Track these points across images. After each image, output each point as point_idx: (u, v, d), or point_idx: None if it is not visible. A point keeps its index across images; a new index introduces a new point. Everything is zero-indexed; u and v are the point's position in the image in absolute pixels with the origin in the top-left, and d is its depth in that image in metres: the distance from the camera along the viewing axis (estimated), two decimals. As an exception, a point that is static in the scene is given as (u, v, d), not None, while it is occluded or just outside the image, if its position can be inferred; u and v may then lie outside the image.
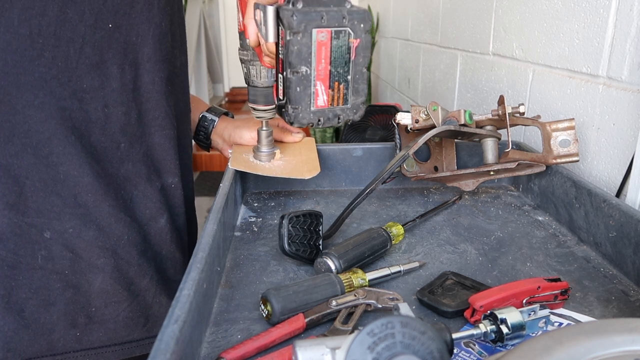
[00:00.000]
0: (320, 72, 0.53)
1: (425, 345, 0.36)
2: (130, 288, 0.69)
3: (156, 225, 0.71)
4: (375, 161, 0.93)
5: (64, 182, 0.63)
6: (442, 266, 0.65)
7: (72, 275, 0.65)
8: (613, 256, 0.64)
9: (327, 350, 0.38)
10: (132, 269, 0.69)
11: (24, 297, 0.63)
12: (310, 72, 0.53)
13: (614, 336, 0.35)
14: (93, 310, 0.67)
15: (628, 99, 0.73)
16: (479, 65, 1.29)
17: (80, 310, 0.66)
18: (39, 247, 0.63)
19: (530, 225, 0.77)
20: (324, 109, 0.55)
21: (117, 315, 0.68)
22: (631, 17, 0.72)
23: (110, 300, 0.67)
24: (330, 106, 0.55)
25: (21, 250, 0.63)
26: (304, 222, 0.64)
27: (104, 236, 0.66)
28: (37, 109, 0.60)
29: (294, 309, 0.52)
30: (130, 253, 0.68)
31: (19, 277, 0.63)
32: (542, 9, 0.96)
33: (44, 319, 0.64)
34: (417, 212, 0.82)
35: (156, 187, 0.71)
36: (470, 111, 0.80)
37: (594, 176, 0.82)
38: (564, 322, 0.53)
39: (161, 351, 0.37)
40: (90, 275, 0.66)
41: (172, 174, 0.73)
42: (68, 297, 0.65)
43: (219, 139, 0.93)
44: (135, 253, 0.69)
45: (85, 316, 0.66)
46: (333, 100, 0.55)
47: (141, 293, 0.70)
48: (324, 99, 0.55)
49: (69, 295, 0.65)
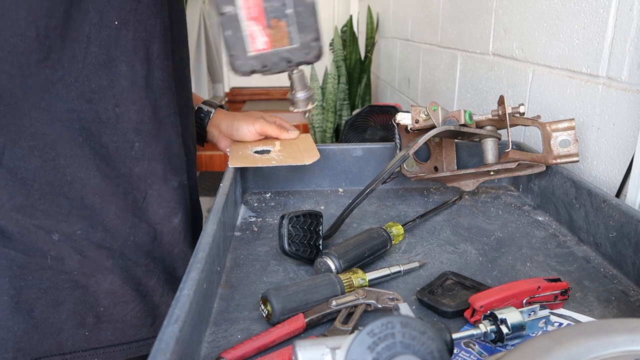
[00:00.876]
0: (250, 10, 0.46)
1: (425, 345, 0.36)
2: (138, 288, 0.69)
3: (170, 224, 0.71)
4: (375, 161, 0.93)
5: (71, 184, 0.63)
6: (442, 266, 0.65)
7: (81, 275, 0.65)
8: (613, 256, 0.64)
9: (327, 350, 0.38)
10: (140, 269, 0.69)
11: (34, 297, 0.63)
12: (237, 11, 0.46)
13: (614, 336, 0.35)
14: (101, 309, 0.67)
15: (628, 99, 0.73)
16: (479, 65, 1.29)
17: (89, 310, 0.66)
18: (48, 249, 0.63)
19: (530, 225, 0.77)
20: (266, 52, 0.48)
21: (125, 315, 0.68)
22: (631, 17, 0.72)
23: (118, 300, 0.68)
24: (273, 48, 0.48)
25: (30, 251, 0.63)
26: (304, 222, 0.64)
27: (111, 238, 0.66)
28: (43, 112, 0.60)
29: (294, 309, 0.52)
30: (137, 254, 0.69)
31: (28, 277, 0.63)
32: (542, 9, 0.96)
33: (53, 318, 0.64)
34: (417, 212, 0.82)
35: (172, 186, 0.71)
36: (470, 111, 0.80)
37: (594, 176, 0.82)
38: (564, 322, 0.53)
39: (161, 351, 0.37)
40: (99, 276, 0.66)
41: (184, 170, 0.73)
42: (77, 297, 0.65)
43: (215, 130, 0.93)
44: (143, 254, 0.69)
45: (93, 316, 0.67)
46: (275, 41, 0.48)
47: (149, 293, 0.70)
48: (263, 41, 0.48)
49: (78, 295, 0.65)
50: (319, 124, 2.98)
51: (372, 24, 2.90)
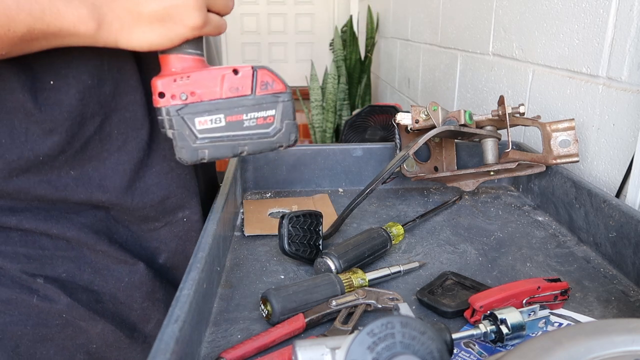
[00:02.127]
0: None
1: (425, 345, 0.36)
2: (134, 335, 0.64)
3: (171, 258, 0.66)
4: (375, 161, 0.93)
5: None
6: (442, 266, 0.65)
7: (71, 316, 0.60)
8: (613, 256, 0.64)
9: (327, 350, 0.38)
10: (134, 313, 0.64)
11: (19, 333, 0.58)
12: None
13: (614, 336, 0.35)
14: (94, 347, 0.62)
15: (628, 99, 0.73)
16: (479, 65, 1.29)
17: (80, 347, 0.62)
18: (36, 288, 0.58)
19: (530, 225, 0.77)
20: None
21: (119, 355, 0.64)
22: (631, 17, 0.72)
23: (111, 344, 0.63)
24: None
25: (17, 288, 0.58)
26: (304, 222, 0.64)
27: (101, 279, 0.62)
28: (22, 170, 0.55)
29: (294, 309, 0.52)
30: (132, 297, 0.63)
31: (14, 313, 0.58)
32: (542, 9, 0.96)
33: (40, 354, 0.60)
34: (417, 212, 0.82)
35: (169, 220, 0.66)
36: (470, 111, 0.80)
37: (593, 176, 0.82)
38: (563, 323, 0.53)
39: (161, 351, 0.37)
40: (90, 321, 0.61)
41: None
42: (67, 334, 0.61)
43: None
44: (139, 296, 0.64)
45: (84, 353, 0.62)
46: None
47: (147, 339, 0.65)
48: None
49: (69, 333, 0.61)
50: (319, 124, 2.98)
51: (372, 24, 2.90)
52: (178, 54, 0.50)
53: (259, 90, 0.52)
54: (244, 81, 0.52)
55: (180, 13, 0.48)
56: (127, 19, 0.47)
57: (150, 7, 0.47)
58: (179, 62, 0.51)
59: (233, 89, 0.51)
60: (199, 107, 0.51)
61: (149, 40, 0.49)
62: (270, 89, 0.53)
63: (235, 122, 0.52)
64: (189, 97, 0.50)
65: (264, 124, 0.53)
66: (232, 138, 0.52)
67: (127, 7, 0.47)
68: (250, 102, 0.52)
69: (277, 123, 0.53)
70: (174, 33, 0.48)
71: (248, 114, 0.52)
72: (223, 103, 0.51)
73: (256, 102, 0.52)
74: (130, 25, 0.48)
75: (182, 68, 0.51)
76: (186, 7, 0.47)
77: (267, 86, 0.52)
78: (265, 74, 0.52)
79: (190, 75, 0.50)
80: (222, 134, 0.52)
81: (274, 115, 0.53)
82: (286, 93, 0.53)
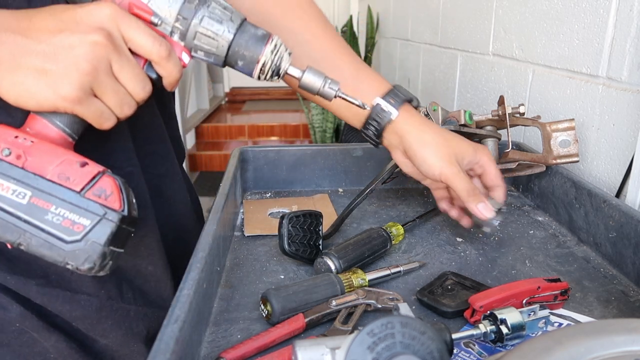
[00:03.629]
0: None
1: (425, 345, 0.36)
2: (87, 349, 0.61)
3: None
4: (375, 161, 0.93)
5: None
6: (442, 266, 0.65)
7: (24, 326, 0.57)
8: (613, 256, 0.64)
9: (327, 350, 0.38)
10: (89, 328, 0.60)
11: None
12: None
13: (614, 336, 0.35)
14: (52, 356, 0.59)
15: (628, 99, 0.73)
16: (478, 66, 1.29)
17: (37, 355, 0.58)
18: None
19: (530, 225, 0.77)
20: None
21: None
22: (631, 17, 0.72)
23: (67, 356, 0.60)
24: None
25: None
26: (304, 222, 0.64)
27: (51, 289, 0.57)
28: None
29: (293, 309, 0.53)
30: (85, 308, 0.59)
31: None
32: (542, 9, 0.96)
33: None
34: (417, 212, 0.82)
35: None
36: (470, 111, 0.80)
37: (593, 176, 0.82)
38: (563, 323, 0.53)
39: (161, 351, 0.38)
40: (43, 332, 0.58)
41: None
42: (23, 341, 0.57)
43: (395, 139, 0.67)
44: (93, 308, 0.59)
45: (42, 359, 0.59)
46: None
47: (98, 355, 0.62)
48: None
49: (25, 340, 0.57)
50: (319, 124, 2.98)
51: (372, 24, 2.90)
52: (44, 120, 0.45)
53: (90, 193, 0.44)
54: (81, 176, 0.44)
55: (56, 79, 0.43)
56: (6, 61, 0.43)
57: (32, 62, 0.43)
58: (41, 128, 0.45)
59: (63, 177, 0.44)
60: (12, 172, 0.43)
61: (17, 93, 0.43)
62: (102, 198, 0.44)
63: (39, 208, 0.43)
64: (12, 157, 0.43)
65: (67, 229, 0.44)
66: (23, 223, 0.43)
67: (11, 49, 0.43)
68: (69, 198, 0.44)
69: (82, 237, 0.44)
70: (42, 96, 0.43)
71: (58, 208, 0.44)
72: (41, 182, 0.44)
73: (76, 203, 0.44)
74: (5, 69, 0.43)
75: (38, 134, 0.45)
76: (65, 75, 0.43)
77: (102, 195, 0.45)
78: (110, 183, 0.45)
79: (35, 142, 0.44)
80: (16, 213, 0.43)
81: (85, 227, 0.44)
82: (117, 213, 0.44)
